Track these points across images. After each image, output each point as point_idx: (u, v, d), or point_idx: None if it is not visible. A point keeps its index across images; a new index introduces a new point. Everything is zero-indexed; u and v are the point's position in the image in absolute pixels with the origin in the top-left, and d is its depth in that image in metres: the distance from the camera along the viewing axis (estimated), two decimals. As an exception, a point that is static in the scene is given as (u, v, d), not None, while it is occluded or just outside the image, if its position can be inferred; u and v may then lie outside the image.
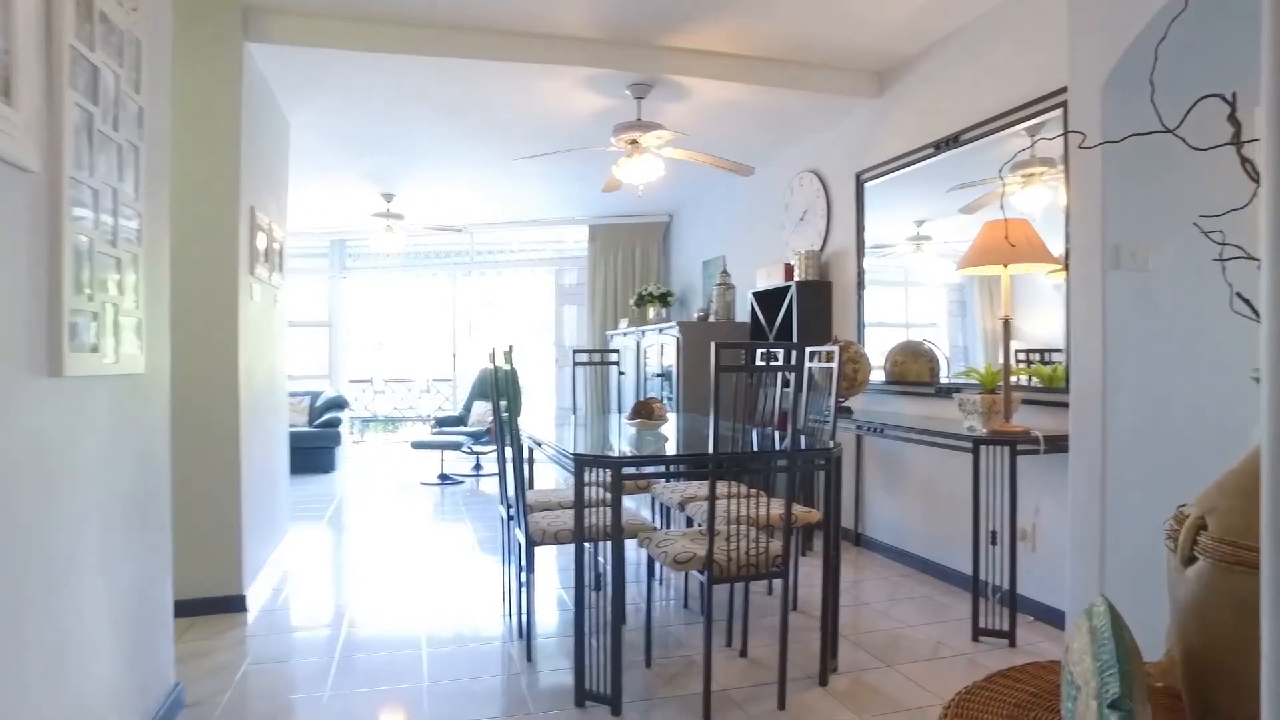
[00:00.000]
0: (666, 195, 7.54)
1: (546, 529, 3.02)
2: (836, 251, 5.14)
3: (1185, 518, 1.07)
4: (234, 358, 3.62)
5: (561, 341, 8.90)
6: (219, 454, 3.61)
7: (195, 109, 3.57)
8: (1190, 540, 1.03)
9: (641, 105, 4.53)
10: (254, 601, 3.73)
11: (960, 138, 3.97)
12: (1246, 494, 0.99)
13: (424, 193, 7.14)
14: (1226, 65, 2.70)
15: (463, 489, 7.31)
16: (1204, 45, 2.59)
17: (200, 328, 3.57)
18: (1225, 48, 2.62)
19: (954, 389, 4.00)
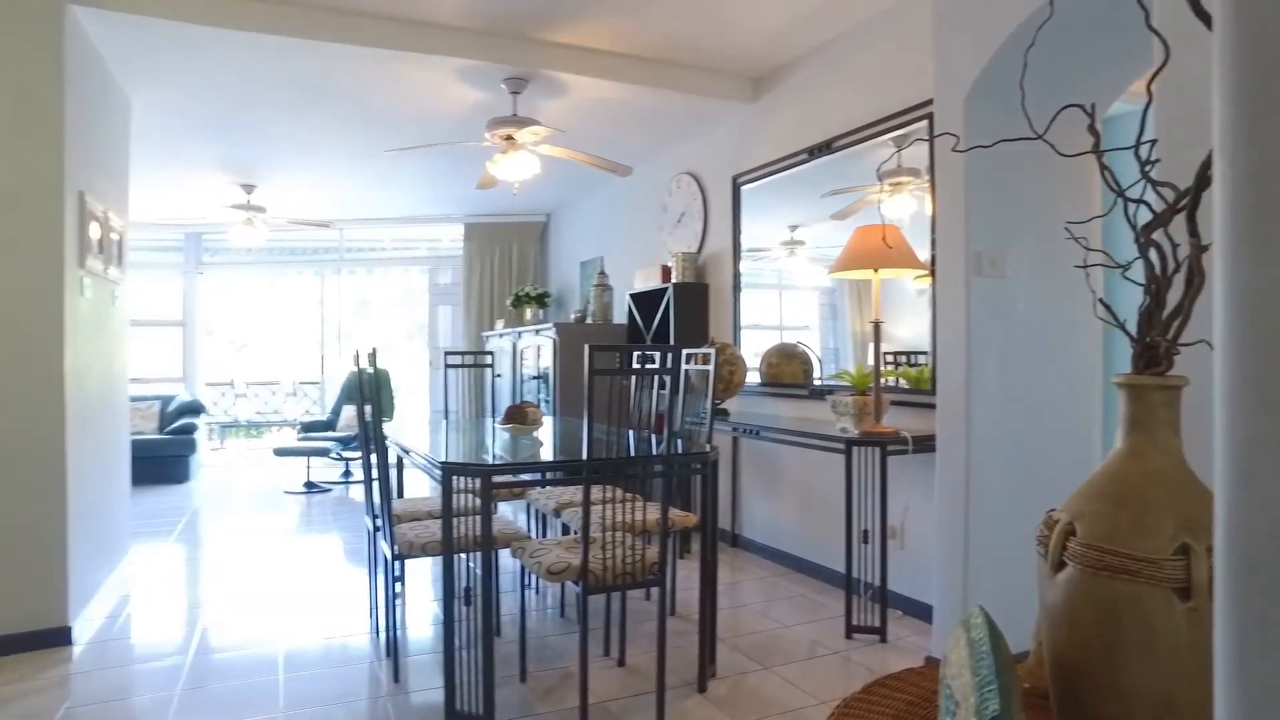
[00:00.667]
0: (544, 194, 7.42)
1: (414, 541, 2.85)
2: (713, 254, 5.17)
3: (1055, 523, 1.07)
4: (58, 360, 3.26)
5: (436, 343, 8.62)
6: (39, 467, 3.24)
7: (7, 80, 3.19)
8: (1060, 546, 1.02)
9: (517, 100, 4.41)
10: (83, 632, 3.37)
11: (833, 145, 4.06)
12: (1110, 499, 1.00)
13: (288, 185, 6.73)
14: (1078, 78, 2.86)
15: (331, 497, 6.95)
16: (1059, 60, 2.72)
17: (15, 327, 3.19)
18: (1078, 62, 2.76)
19: (827, 391, 4.08)
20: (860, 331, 4.14)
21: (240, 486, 7.55)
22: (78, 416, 3.43)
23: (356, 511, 6.29)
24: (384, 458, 2.96)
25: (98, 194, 3.76)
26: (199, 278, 8.86)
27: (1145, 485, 0.99)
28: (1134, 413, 1.03)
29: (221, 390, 10.26)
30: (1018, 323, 2.88)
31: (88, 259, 3.55)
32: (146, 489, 7.13)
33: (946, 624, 2.83)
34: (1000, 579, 2.84)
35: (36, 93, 3.24)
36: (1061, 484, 3.01)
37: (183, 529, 5.60)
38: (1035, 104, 2.91)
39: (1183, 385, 1.02)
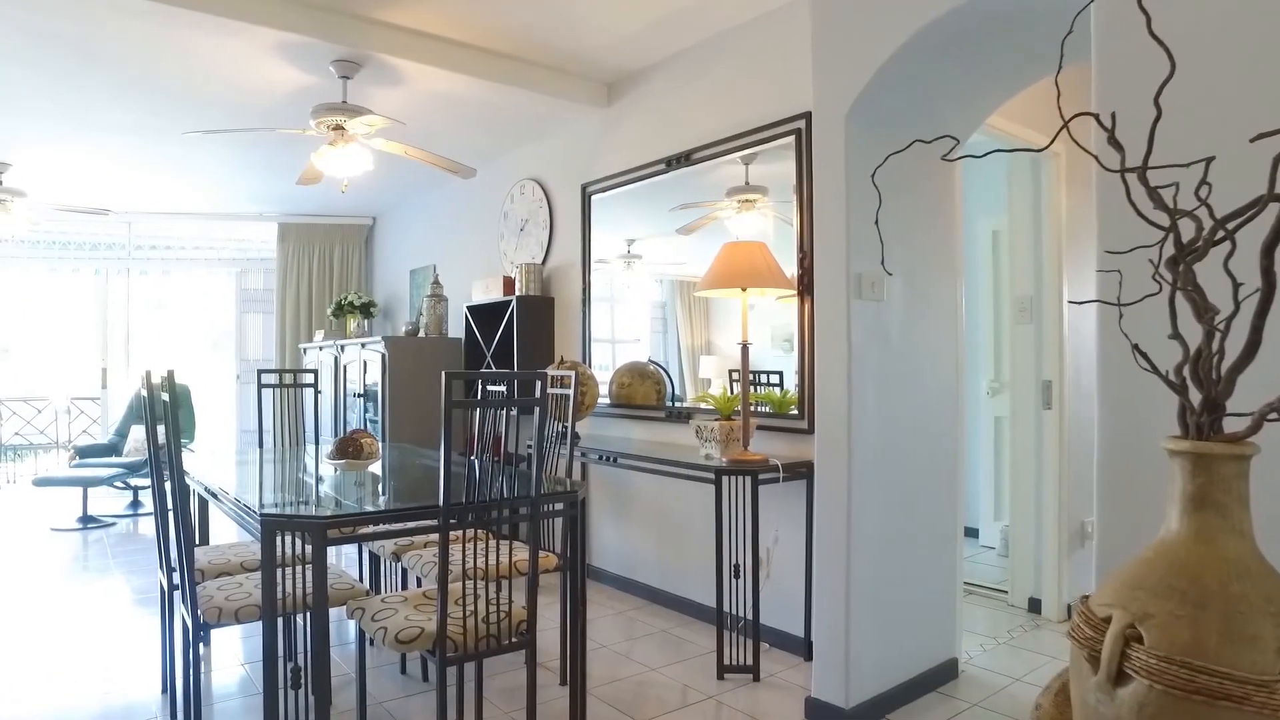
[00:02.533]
0: (371, 195, 6.83)
1: (224, 606, 2.35)
2: (560, 265, 4.88)
3: (1100, 620, 0.87)
4: None
5: (245, 354, 7.74)
6: None
7: None
8: (1118, 653, 0.82)
9: (348, 86, 3.92)
10: None
11: (693, 156, 3.89)
12: (1185, 598, 0.80)
13: (55, 166, 5.75)
14: (945, 106, 2.82)
15: (114, 533, 5.99)
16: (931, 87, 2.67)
17: None
18: (949, 90, 2.73)
19: (685, 413, 3.90)
20: (690, 344, 4.08)
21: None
22: None
23: (146, 547, 5.44)
24: (184, 501, 2.43)
25: None
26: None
27: (1227, 579, 0.80)
28: (1200, 488, 0.84)
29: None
30: (893, 345, 2.80)
31: None
32: None
33: (828, 661, 2.68)
34: (880, 610, 2.74)
35: None
36: (934, 506, 2.99)
37: (-89, 583, 4.57)
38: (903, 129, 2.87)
39: (1254, 454, 0.85)
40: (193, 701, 2.48)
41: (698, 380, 4.03)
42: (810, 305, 3.30)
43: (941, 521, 3.00)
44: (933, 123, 2.87)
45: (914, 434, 2.87)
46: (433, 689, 2.99)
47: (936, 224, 3.00)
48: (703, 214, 3.93)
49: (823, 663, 2.71)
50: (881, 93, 2.63)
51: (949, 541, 3.03)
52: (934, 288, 2.98)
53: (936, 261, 2.99)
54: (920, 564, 2.91)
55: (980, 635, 3.49)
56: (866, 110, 2.66)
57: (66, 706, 2.86)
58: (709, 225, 3.91)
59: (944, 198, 3.03)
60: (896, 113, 2.74)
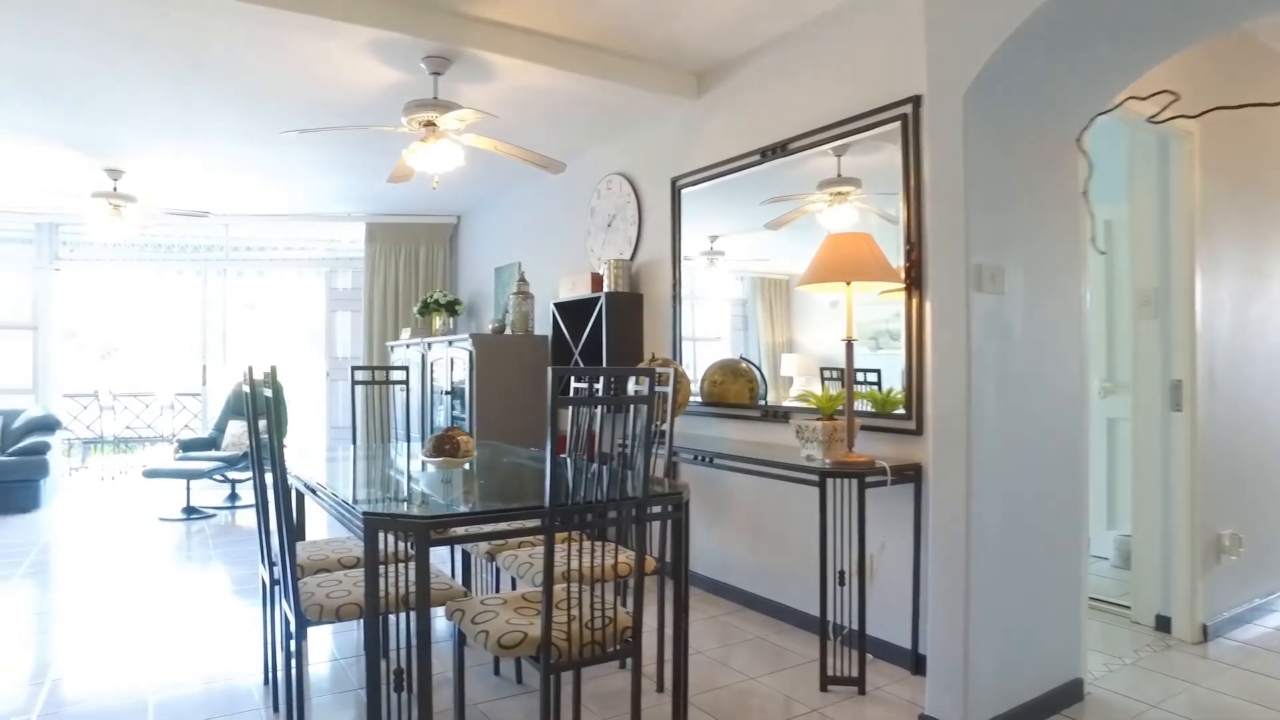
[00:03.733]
0: (455, 194, 6.88)
1: (325, 603, 2.34)
2: (649, 261, 4.79)
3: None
4: None
5: (334, 352, 7.90)
6: None
7: None
8: None
9: (438, 83, 3.90)
10: (-115, 719, 2.67)
11: (789, 146, 3.74)
12: None
13: (163, 172, 5.96)
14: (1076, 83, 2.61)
15: (213, 524, 6.19)
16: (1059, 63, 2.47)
17: None
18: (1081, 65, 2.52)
19: (781, 412, 3.76)
20: (770, 342, 3.99)
21: (105, 515, 6.67)
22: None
23: (244, 539, 5.59)
24: (286, 499, 2.42)
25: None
26: (54, 274, 7.84)
27: None
28: None
29: (84, 403, 9.20)
30: (1013, 341, 2.61)
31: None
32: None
33: (944, 677, 2.52)
34: (1001, 624, 2.56)
35: None
36: (1057, 514, 2.79)
37: (26, 570, 4.79)
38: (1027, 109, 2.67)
39: None
40: (295, 697, 2.48)
41: (779, 379, 3.93)
42: (918, 299, 3.13)
43: (1064, 530, 2.79)
44: (1059, 101, 2.67)
45: (1036, 436, 2.67)
46: (527, 691, 2.93)
47: (1058, 212, 2.79)
48: (793, 208, 3.79)
49: (938, 679, 2.54)
50: (1005, 69, 2.45)
51: (1072, 552, 2.82)
52: (1056, 280, 2.77)
53: (1059, 252, 2.78)
54: (1042, 576, 2.71)
55: (1104, 654, 3.25)
56: (987, 89, 2.49)
57: (175, 694, 2.91)
58: (798, 220, 3.78)
59: (1066, 184, 2.82)
60: (1021, 91, 2.55)
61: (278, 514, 2.42)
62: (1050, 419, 2.72)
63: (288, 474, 2.51)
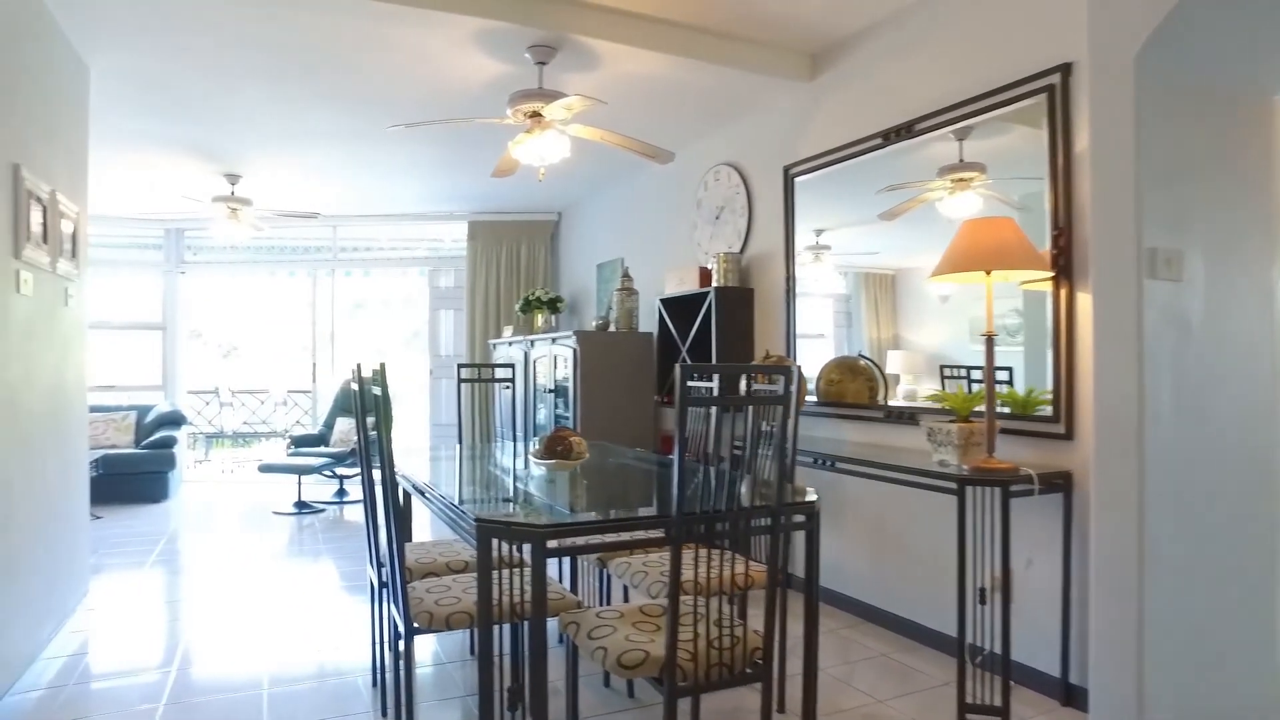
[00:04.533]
0: (556, 191, 6.82)
1: (435, 610, 2.24)
2: (760, 255, 4.58)
3: None
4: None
5: (437, 350, 7.98)
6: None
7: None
8: None
9: (543, 72, 3.81)
10: (17, 713, 2.74)
11: (914, 128, 3.47)
12: None
13: (275, 175, 6.11)
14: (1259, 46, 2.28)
15: (323, 519, 6.32)
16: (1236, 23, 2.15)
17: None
18: (1272, 14, 2.19)
19: (907, 413, 3.49)
20: (878, 339, 3.82)
21: (224, 506, 6.92)
22: (9, 441, 2.81)
23: (352, 535, 5.67)
24: (396, 502, 2.34)
25: (41, 171, 3.14)
26: (180, 277, 8.20)
27: None
28: None
29: (206, 399, 9.61)
30: (1194, 335, 2.30)
31: (25, 249, 2.93)
32: (121, 509, 6.50)
33: (1111, 713, 2.23)
34: (1180, 655, 2.25)
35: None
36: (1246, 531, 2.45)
37: (157, 558, 4.97)
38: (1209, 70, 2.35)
39: None
40: (404, 702, 2.40)
41: (885, 377, 3.72)
42: (1068, 289, 2.82)
43: (1255, 549, 2.44)
44: (1249, 60, 2.33)
45: (1219, 443, 2.35)
46: (640, 705, 2.78)
47: (1247, 187, 2.45)
48: (910, 196, 3.54)
49: (1104, 714, 2.26)
50: (1184, 26, 2.15)
51: (1266, 574, 2.47)
52: (1245, 265, 2.43)
53: (1248, 233, 2.44)
54: (1228, 601, 2.38)
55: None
56: (1162, 49, 2.19)
57: (290, 688, 2.90)
58: (913, 211, 3.56)
59: (1257, 155, 2.47)
60: (1203, 50, 2.24)
61: (386, 517, 2.35)
62: (1236, 423, 2.39)
63: (394, 473, 2.43)
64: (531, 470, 2.91)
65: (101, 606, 3.92)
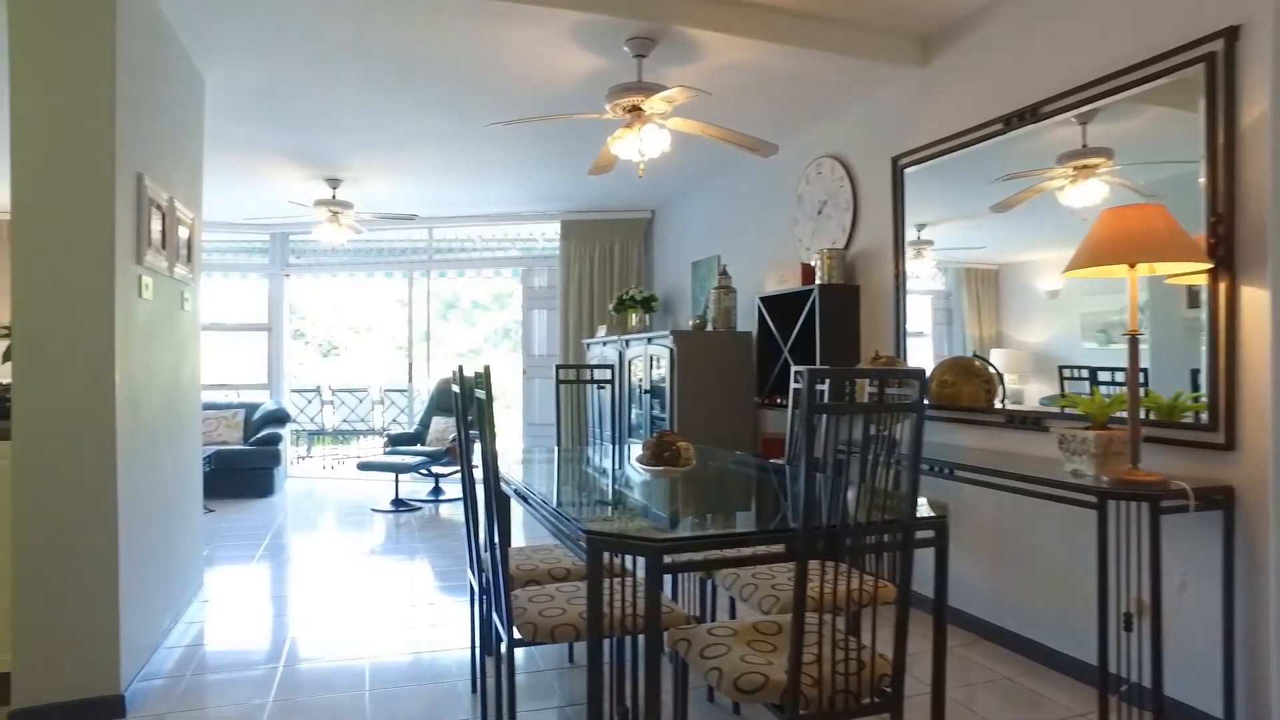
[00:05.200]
0: (650, 188, 6.73)
1: (539, 622, 2.16)
2: (866, 250, 4.37)
3: None
4: (106, 374, 2.70)
5: (531, 349, 8.01)
6: (82, 503, 2.67)
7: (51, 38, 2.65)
8: None
9: (642, 65, 3.71)
10: (141, 699, 2.81)
11: (1040, 110, 3.22)
12: None
13: (374, 179, 6.22)
14: None
15: (419, 516, 6.41)
16: None
17: (52, 335, 2.65)
18: None
19: (1031, 418, 3.24)
20: (979, 338, 3.67)
21: (325, 502, 7.12)
22: (133, 439, 2.88)
23: (447, 534, 5.72)
24: (502, 512, 2.27)
25: (161, 179, 3.21)
26: (285, 280, 8.48)
27: None
28: None
29: (308, 397, 9.94)
30: (1389, 335, 2.01)
31: (146, 255, 3.00)
32: (231, 503, 6.75)
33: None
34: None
35: (86, 52, 2.68)
36: None
37: (264, 552, 5.12)
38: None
39: None
40: (506, 713, 2.33)
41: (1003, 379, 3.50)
42: (1229, 282, 2.54)
43: None
44: None
45: None
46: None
47: None
48: (1028, 185, 3.30)
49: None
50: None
51: None
52: None
53: None
54: None
55: None
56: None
57: (392, 691, 2.88)
58: (1029, 201, 3.32)
59: None
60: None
61: (489, 524, 2.28)
62: None
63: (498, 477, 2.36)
64: (636, 475, 2.81)
65: (215, 599, 4.03)
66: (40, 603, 2.63)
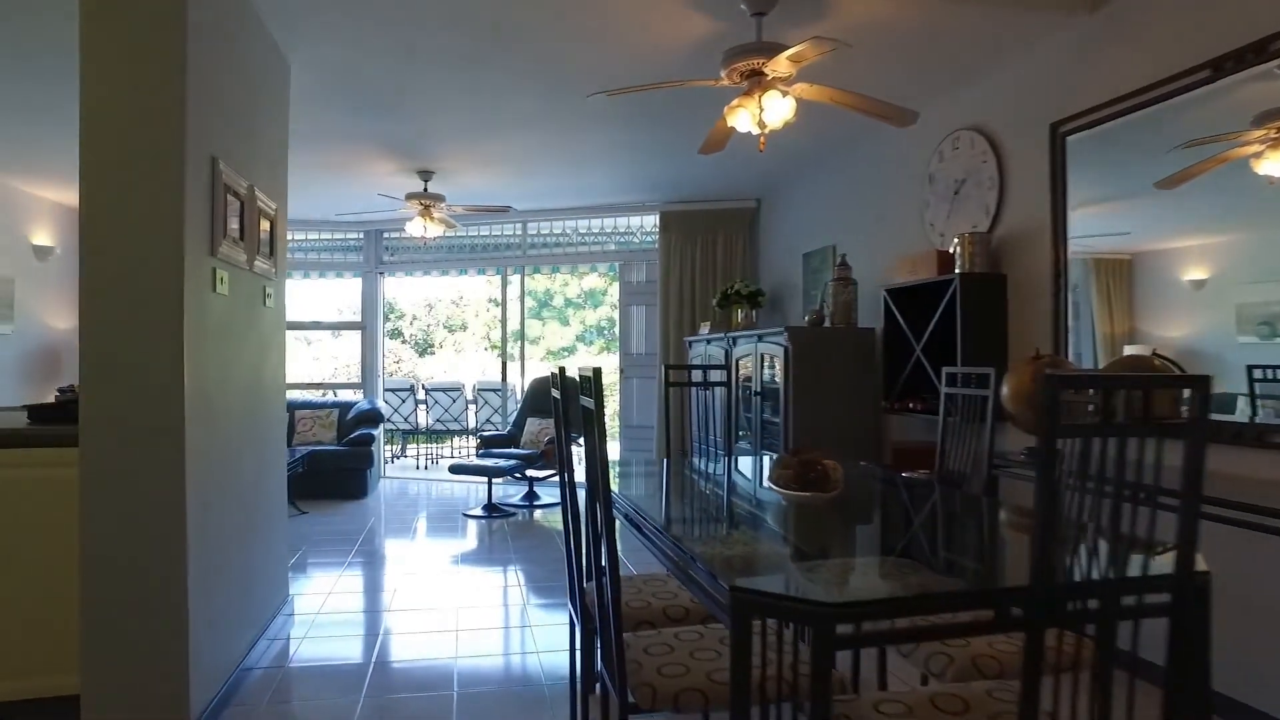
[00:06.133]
0: (754, 175, 6.26)
1: (659, 684, 1.75)
2: (1014, 234, 3.80)
3: None
4: (174, 374, 2.43)
5: (628, 348, 7.64)
6: (147, 513, 2.42)
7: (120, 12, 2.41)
8: None
9: (761, 24, 3.25)
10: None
11: (1270, 48, 2.60)
12: None
13: (466, 170, 5.96)
14: None
15: (513, 522, 6.13)
16: None
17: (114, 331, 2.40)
18: None
19: (1253, 431, 2.64)
20: (1110, 334, 3.30)
21: (417, 504, 6.96)
22: (204, 443, 2.61)
23: (542, 542, 5.41)
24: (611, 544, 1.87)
25: (240, 166, 2.95)
26: (378, 278, 8.37)
27: None
28: None
29: (401, 396, 9.84)
30: None
31: (221, 246, 2.73)
32: (323, 504, 6.62)
33: None
34: None
35: (155, 25, 2.43)
36: None
37: (353, 558, 4.92)
38: None
39: None
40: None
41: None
42: None
43: None
44: None
45: None
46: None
47: None
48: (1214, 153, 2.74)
49: None
50: None
51: None
52: None
53: None
54: None
55: None
56: None
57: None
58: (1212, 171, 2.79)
59: None
60: None
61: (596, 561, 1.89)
62: None
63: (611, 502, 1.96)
64: (772, 499, 2.36)
65: (301, 610, 3.80)
66: (107, 622, 2.40)
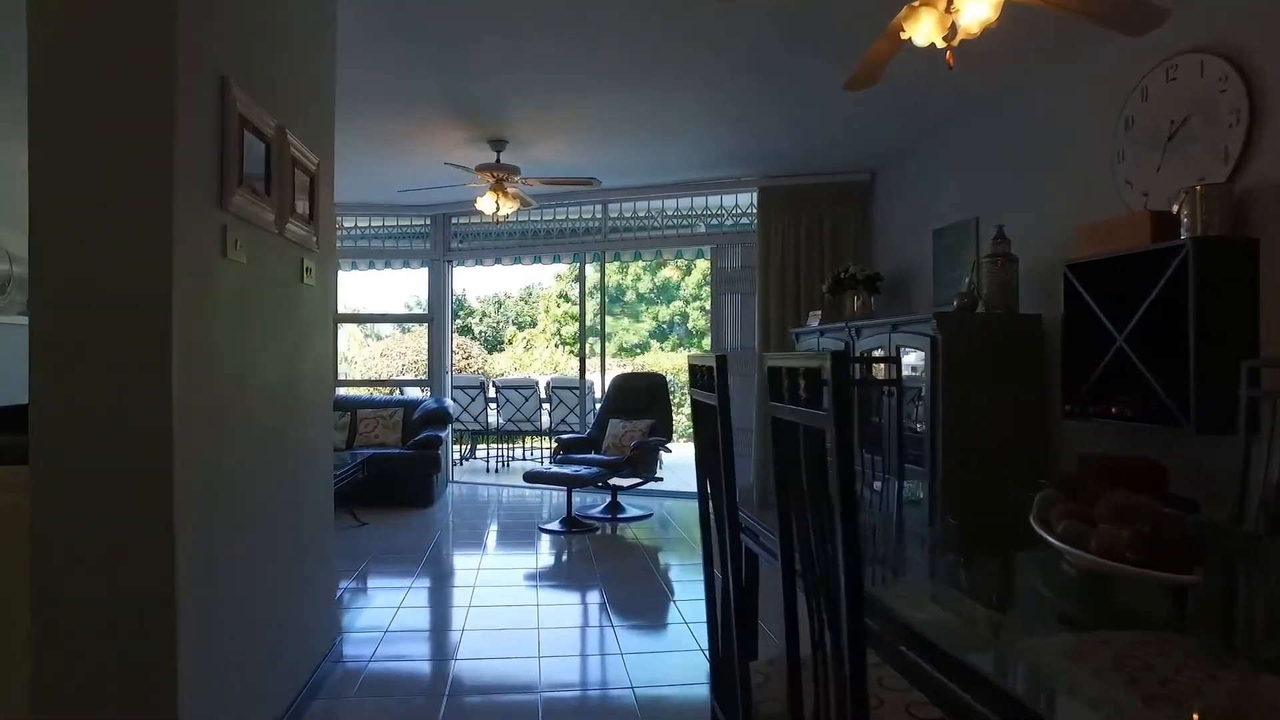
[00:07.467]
0: (869, 144, 5.40)
1: None
2: (1270, 183, 2.87)
3: None
4: (157, 361, 1.74)
5: (722, 342, 6.84)
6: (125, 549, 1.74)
7: None
8: None
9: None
10: None
11: None
12: None
13: (541, 140, 5.27)
14: None
15: (595, 537, 5.42)
16: None
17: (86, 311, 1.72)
18: None
19: None
20: None
21: (488, 514, 6.35)
22: (206, 454, 1.92)
23: (628, 565, 4.69)
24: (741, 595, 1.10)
25: (264, 95, 2.26)
26: (447, 267, 7.75)
27: None
28: None
29: (470, 394, 9.24)
30: None
31: (235, 196, 2.05)
32: (386, 513, 5.99)
33: None
34: None
35: None
36: None
37: (416, 581, 4.28)
38: None
39: None
40: None
41: None
42: None
43: None
44: None
45: None
46: None
47: None
48: None
49: None
50: None
51: None
52: None
53: None
54: None
55: None
56: None
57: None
58: None
59: None
60: None
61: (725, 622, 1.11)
62: None
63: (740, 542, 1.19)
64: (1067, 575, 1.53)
65: (351, 653, 3.13)
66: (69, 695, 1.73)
